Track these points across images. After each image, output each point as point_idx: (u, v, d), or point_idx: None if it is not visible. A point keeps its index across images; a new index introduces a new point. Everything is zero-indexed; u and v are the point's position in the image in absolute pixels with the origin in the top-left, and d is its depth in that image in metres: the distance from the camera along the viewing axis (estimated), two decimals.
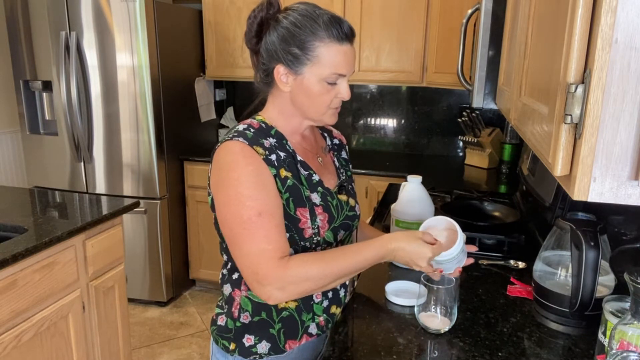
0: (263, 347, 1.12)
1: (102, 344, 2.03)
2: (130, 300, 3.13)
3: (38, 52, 2.99)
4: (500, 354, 1.04)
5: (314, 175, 1.11)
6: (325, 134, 1.28)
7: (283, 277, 0.98)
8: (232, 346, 1.14)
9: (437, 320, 1.11)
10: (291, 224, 1.06)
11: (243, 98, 3.74)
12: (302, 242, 1.08)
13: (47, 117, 3.13)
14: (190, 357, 2.69)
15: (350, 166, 1.32)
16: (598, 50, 0.55)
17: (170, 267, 3.20)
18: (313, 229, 1.07)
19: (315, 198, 1.09)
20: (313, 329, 1.14)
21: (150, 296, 3.19)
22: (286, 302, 1.11)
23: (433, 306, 1.12)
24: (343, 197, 1.16)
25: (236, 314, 1.13)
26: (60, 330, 1.79)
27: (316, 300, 1.13)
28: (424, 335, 1.11)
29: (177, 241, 3.28)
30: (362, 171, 2.91)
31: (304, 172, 1.09)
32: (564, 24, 0.64)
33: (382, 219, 1.96)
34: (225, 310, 1.16)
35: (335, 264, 1.01)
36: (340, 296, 1.19)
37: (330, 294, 1.16)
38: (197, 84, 3.34)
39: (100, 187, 3.10)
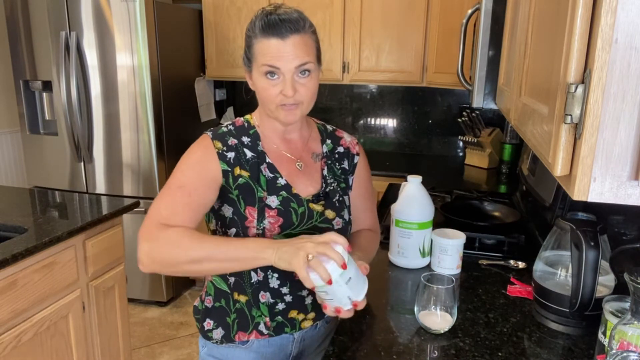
0: (218, 333, 1.18)
1: (102, 344, 2.03)
2: (130, 300, 3.12)
3: (38, 52, 2.99)
4: (500, 354, 1.04)
5: (279, 179, 1.12)
6: (328, 140, 1.23)
7: (156, 235, 1.00)
8: (199, 325, 1.22)
9: (437, 320, 1.11)
10: (239, 220, 1.09)
11: (243, 98, 3.74)
12: None
13: (47, 117, 3.13)
14: (190, 357, 2.69)
15: (351, 178, 1.24)
16: (598, 50, 0.55)
17: None
18: (258, 229, 1.09)
19: (272, 201, 1.10)
20: (262, 327, 1.16)
21: (150, 296, 3.19)
22: (238, 295, 1.14)
23: (433, 306, 1.12)
24: (317, 207, 1.14)
25: (203, 297, 1.21)
26: (60, 330, 1.79)
27: (262, 301, 1.14)
28: (424, 335, 1.11)
29: None
30: None
31: (268, 175, 1.11)
32: (564, 24, 0.64)
33: (382, 219, 1.96)
34: (200, 293, 1.24)
35: (210, 243, 1.01)
36: (306, 303, 1.17)
37: (288, 298, 1.14)
38: (197, 84, 3.34)
39: (100, 187, 3.10)
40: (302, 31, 1.04)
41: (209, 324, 1.19)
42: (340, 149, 1.25)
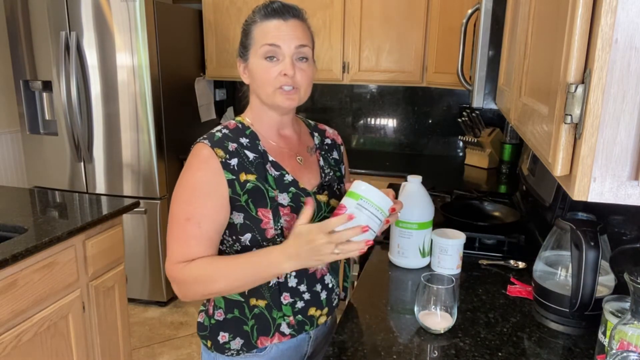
0: (236, 343, 1.14)
1: (102, 344, 2.03)
2: (130, 300, 3.13)
3: (38, 52, 2.99)
4: (500, 354, 1.04)
5: (286, 175, 1.11)
6: (316, 133, 1.27)
7: (179, 277, 1.05)
8: (208, 343, 1.17)
9: (437, 320, 1.11)
10: (253, 224, 1.07)
11: (243, 98, 3.74)
12: (264, 243, 1.07)
13: (47, 117, 3.13)
14: (190, 357, 2.69)
15: (343, 167, 1.29)
16: (598, 50, 0.55)
17: None
18: (276, 229, 1.07)
19: (284, 199, 1.09)
20: (285, 328, 1.15)
21: (150, 296, 3.19)
22: (256, 300, 1.13)
23: (433, 306, 1.12)
24: (322, 198, 1.16)
25: (211, 311, 1.17)
26: (60, 330, 1.79)
27: (284, 302, 1.13)
28: (424, 335, 1.11)
29: None
30: (362, 171, 2.91)
31: (274, 173, 1.10)
32: (564, 24, 0.64)
33: None
34: (205, 308, 1.20)
35: (228, 272, 1.04)
36: (322, 299, 1.18)
37: (306, 296, 1.15)
38: (197, 84, 3.34)
39: (100, 187, 3.10)
40: (302, 19, 1.10)
41: (223, 337, 1.14)
42: (328, 141, 1.29)
